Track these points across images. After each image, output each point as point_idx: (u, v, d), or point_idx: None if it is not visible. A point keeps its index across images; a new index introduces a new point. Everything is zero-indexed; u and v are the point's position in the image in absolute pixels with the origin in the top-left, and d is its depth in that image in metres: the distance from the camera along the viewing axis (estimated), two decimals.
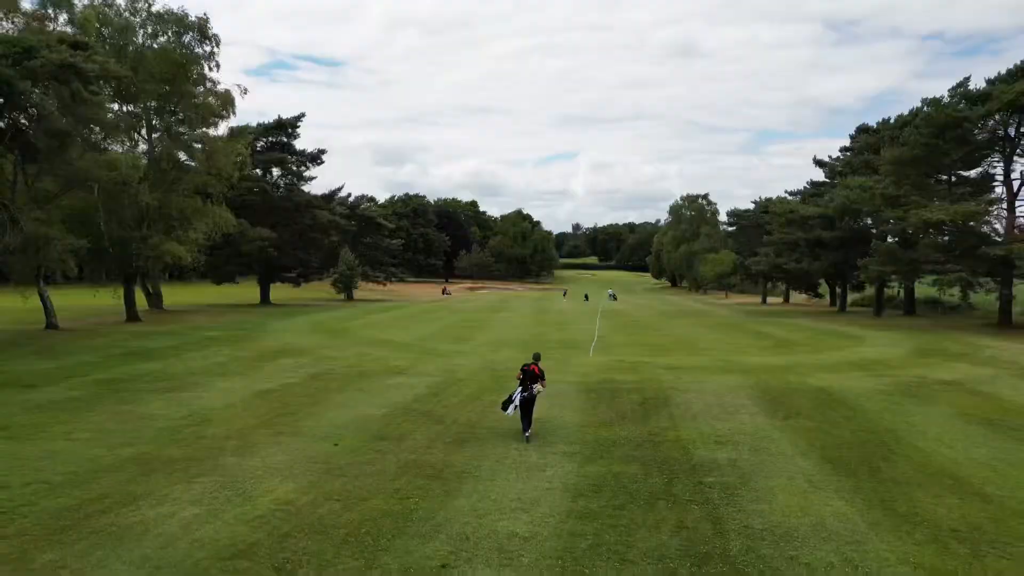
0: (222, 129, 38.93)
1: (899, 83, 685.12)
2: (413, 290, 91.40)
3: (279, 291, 63.66)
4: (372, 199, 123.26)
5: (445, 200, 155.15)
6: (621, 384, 18.21)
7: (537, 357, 13.05)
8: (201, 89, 36.65)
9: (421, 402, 15.80)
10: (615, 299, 73.24)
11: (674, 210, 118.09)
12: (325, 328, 33.59)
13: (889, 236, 39.25)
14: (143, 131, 37.01)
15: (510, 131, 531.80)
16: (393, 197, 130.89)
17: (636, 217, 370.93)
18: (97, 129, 33.01)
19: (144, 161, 33.50)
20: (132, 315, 36.73)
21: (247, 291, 57.54)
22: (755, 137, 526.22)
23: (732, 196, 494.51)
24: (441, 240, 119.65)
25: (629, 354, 24.84)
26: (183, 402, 15.70)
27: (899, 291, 56.76)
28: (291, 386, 17.70)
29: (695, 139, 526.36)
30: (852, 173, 44.94)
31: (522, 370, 12.71)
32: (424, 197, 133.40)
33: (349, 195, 73.46)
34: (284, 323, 36.09)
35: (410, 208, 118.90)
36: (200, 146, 37.41)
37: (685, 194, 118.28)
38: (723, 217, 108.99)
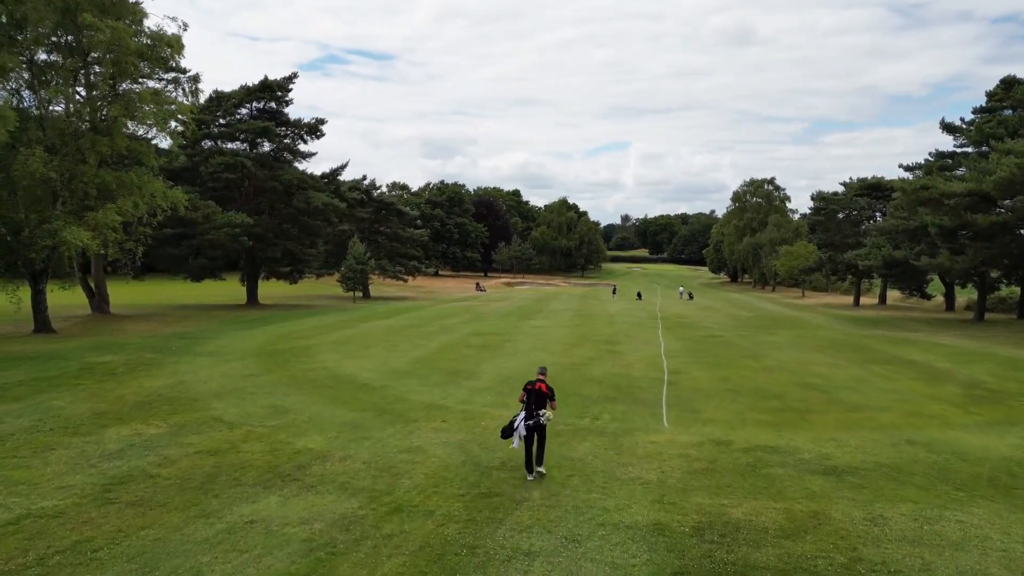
0: (162, 83, 29.70)
1: (967, 69, 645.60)
2: (445, 285, 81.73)
3: (279, 288, 54.65)
4: (404, 186, 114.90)
5: (485, 189, 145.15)
6: (756, 549, 7.78)
7: (543, 371, 10.03)
8: (130, 25, 27.32)
9: None
10: (691, 298, 62.42)
11: (737, 197, 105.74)
12: (276, 348, 23.87)
13: None
14: (77, 81, 27.92)
15: (558, 123, 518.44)
16: (428, 184, 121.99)
17: (687, 208, 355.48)
18: None
19: (12, 112, 23.78)
20: (42, 325, 27.94)
21: (235, 289, 48.54)
22: (811, 127, 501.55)
23: (787, 187, 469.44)
24: (479, 231, 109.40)
25: (733, 419, 14.26)
26: None
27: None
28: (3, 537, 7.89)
29: (747, 129, 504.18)
30: (1009, 136, 33.10)
31: (526, 390, 9.80)
32: (463, 186, 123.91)
33: (364, 177, 64.21)
34: (231, 338, 26.57)
35: (445, 197, 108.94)
36: (142, 104, 28.27)
37: (749, 179, 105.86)
38: (792, 204, 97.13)
